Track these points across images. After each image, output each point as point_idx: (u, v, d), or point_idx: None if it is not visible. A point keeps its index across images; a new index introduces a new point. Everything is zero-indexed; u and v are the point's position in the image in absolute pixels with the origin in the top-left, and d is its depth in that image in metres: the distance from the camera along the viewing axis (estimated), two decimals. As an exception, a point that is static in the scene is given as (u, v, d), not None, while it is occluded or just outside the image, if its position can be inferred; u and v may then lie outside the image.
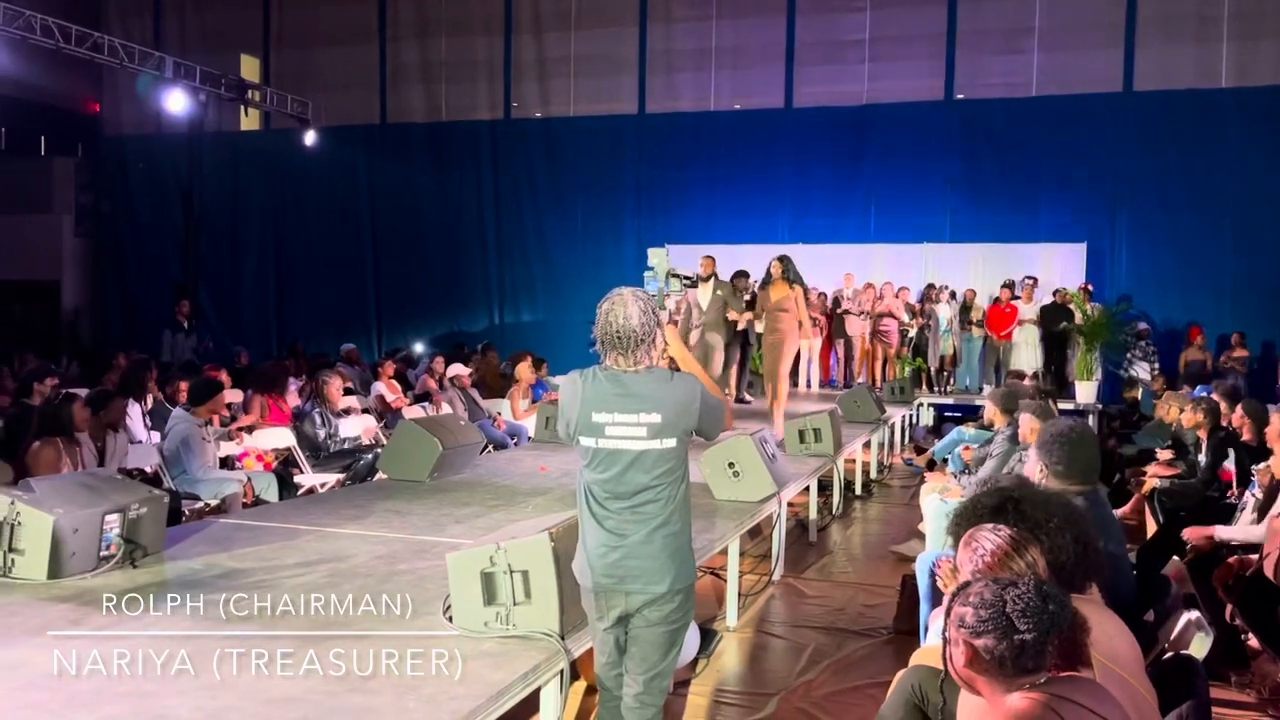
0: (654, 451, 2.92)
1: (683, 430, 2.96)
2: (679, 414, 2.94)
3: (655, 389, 2.93)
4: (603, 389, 2.94)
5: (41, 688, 2.81)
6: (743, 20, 16.55)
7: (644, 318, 2.93)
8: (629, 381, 2.94)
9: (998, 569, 2.61)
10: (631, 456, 2.92)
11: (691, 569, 3.03)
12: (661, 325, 3.00)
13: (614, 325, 2.92)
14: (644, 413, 2.91)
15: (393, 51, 18.23)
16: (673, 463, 2.96)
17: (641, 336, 2.92)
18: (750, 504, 5.54)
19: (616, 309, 2.93)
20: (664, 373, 2.98)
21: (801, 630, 5.23)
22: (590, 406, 2.94)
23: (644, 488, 2.93)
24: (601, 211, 17.17)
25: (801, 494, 7.12)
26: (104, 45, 14.62)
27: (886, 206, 15.85)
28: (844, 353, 14.43)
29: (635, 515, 2.93)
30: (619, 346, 2.93)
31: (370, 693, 2.81)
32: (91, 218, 19.72)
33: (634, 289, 3.01)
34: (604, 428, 2.93)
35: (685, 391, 2.97)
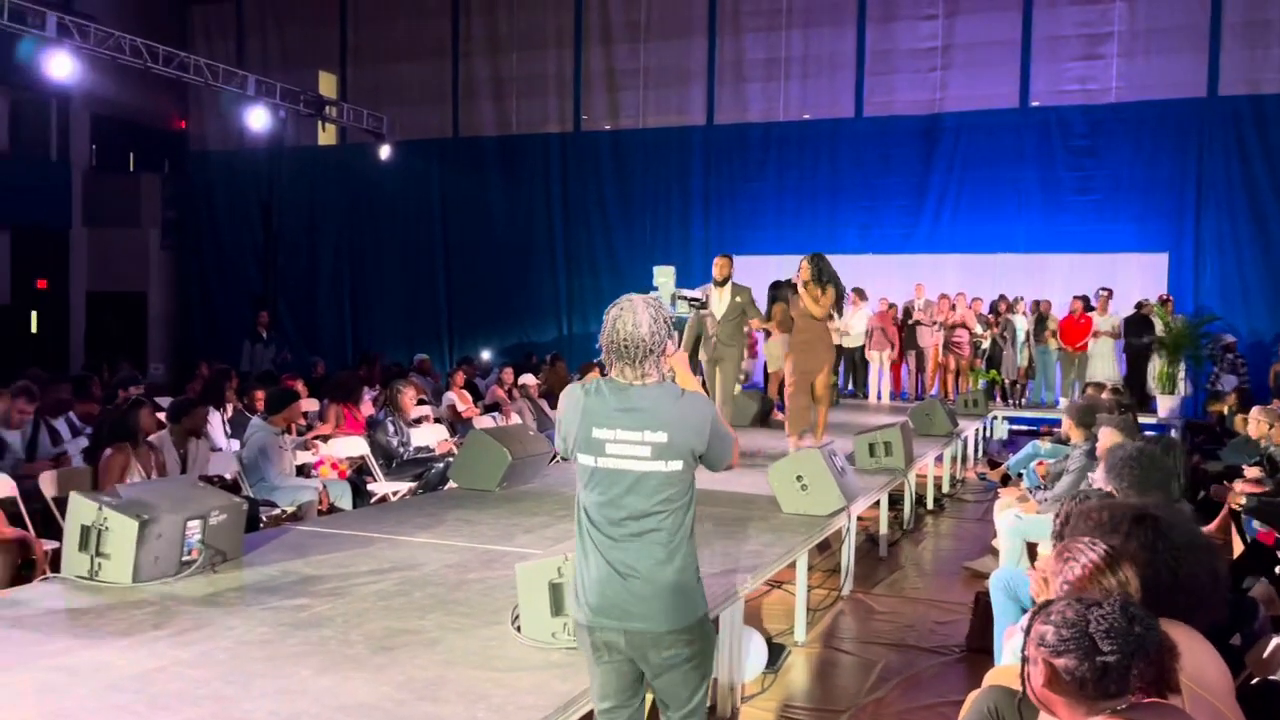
0: (658, 475, 2.66)
1: (690, 453, 2.70)
2: (688, 435, 2.68)
3: (663, 405, 2.68)
4: (606, 402, 2.69)
5: (125, 689, 2.90)
6: (812, 29, 16.47)
7: (654, 326, 2.69)
8: (635, 395, 2.69)
9: (1088, 583, 2.55)
10: (633, 479, 2.66)
11: (700, 602, 2.74)
12: (672, 337, 2.77)
13: (621, 334, 2.68)
14: (649, 430, 2.65)
15: (465, 66, 18.52)
16: (678, 488, 2.69)
17: (651, 347, 2.68)
18: (819, 518, 5.48)
19: (625, 316, 2.69)
20: (674, 388, 2.74)
21: (871, 646, 5.16)
22: (591, 420, 2.69)
23: (645, 514, 2.67)
24: (670, 222, 17.21)
25: (872, 508, 7.03)
26: (190, 65, 15.10)
27: (959, 216, 15.60)
28: (915, 364, 14.24)
29: (636, 545, 2.67)
30: (626, 356, 2.68)
31: (440, 700, 2.84)
32: (177, 231, 20.36)
33: (645, 296, 2.78)
34: (604, 445, 2.67)
35: (696, 411, 2.72)
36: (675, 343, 2.81)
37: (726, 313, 8.22)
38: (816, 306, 7.53)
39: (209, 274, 20.29)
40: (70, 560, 4.00)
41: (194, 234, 20.33)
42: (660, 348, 2.70)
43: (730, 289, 8.26)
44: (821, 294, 7.52)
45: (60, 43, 12.72)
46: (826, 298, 7.56)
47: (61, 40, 12.76)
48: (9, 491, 5.67)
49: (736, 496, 6.18)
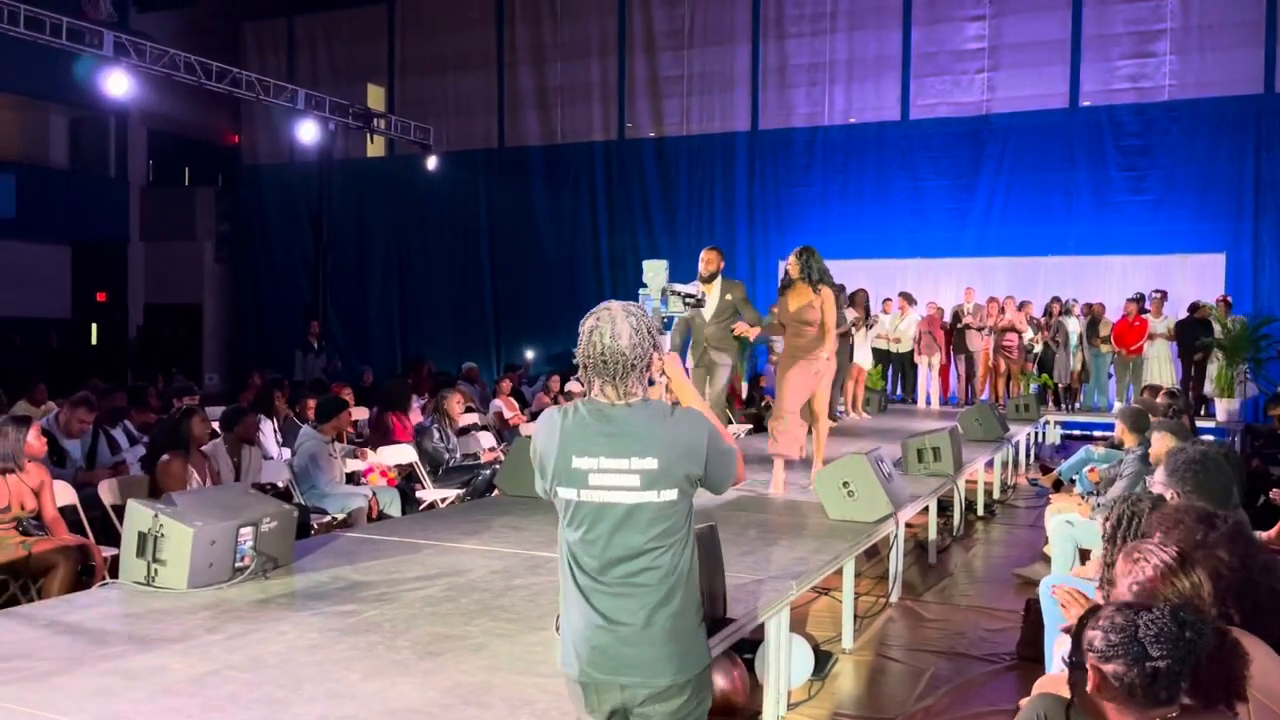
0: (650, 506, 2.36)
1: (685, 479, 2.39)
2: (681, 459, 2.37)
3: (651, 427, 2.37)
4: (586, 426, 2.39)
5: (180, 692, 2.96)
6: (857, 33, 16.38)
7: (636, 338, 2.39)
8: (618, 417, 2.38)
9: (1160, 584, 2.51)
10: (621, 512, 2.36)
11: (703, 653, 2.48)
12: (659, 348, 2.48)
13: (598, 347, 2.39)
14: (636, 456, 2.34)
15: (510, 77, 18.69)
16: (673, 520, 2.39)
17: (633, 361, 2.38)
18: (866, 524, 5.44)
19: (602, 327, 2.40)
20: (662, 406, 2.43)
21: (920, 654, 5.11)
22: (571, 448, 2.39)
23: (638, 552, 2.37)
24: (714, 229, 17.19)
25: (920, 514, 6.96)
26: (242, 80, 15.42)
27: (1008, 218, 15.39)
28: (965, 369, 14.06)
29: (628, 589, 2.38)
30: (605, 373, 2.38)
31: (485, 705, 2.86)
32: (230, 244, 20.78)
33: (626, 303, 2.48)
34: (587, 476, 2.37)
35: (690, 431, 2.40)
36: (664, 360, 2.54)
37: (716, 313, 7.21)
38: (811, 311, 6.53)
39: (261, 285, 20.66)
40: (128, 566, 4.09)
41: (247, 246, 20.72)
42: (644, 361, 2.41)
43: (720, 285, 7.24)
44: (815, 294, 6.55)
45: (117, 61, 13.05)
46: (826, 301, 6.54)
47: (119, 59, 13.09)
48: (70, 499, 5.82)
49: (783, 502, 6.16)
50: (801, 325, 6.57)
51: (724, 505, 6.05)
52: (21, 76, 15.93)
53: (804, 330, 6.55)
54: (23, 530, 5.20)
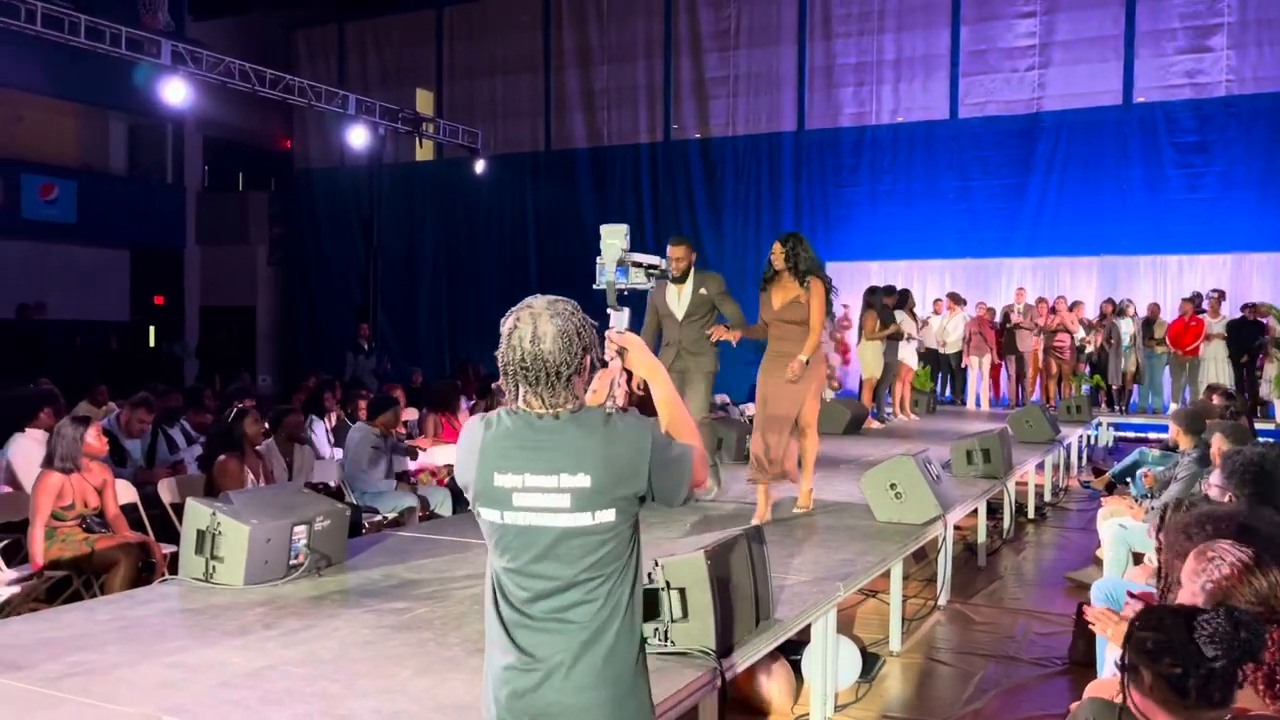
0: (581, 530, 2.05)
1: (624, 498, 2.08)
2: (618, 475, 2.06)
3: (584, 439, 2.07)
4: (509, 439, 2.09)
5: (238, 686, 3.04)
6: (905, 32, 16.24)
7: (562, 341, 2.07)
8: (546, 429, 2.08)
9: (1237, 582, 2.48)
10: (550, 537, 2.06)
11: (643, 704, 2.13)
12: (594, 349, 2.16)
13: (518, 351, 2.08)
14: (566, 473, 2.04)
15: (557, 80, 18.79)
16: (612, 545, 2.08)
17: (558, 367, 2.06)
18: (914, 526, 5.41)
19: (522, 328, 2.09)
20: (597, 415, 2.11)
21: (969, 657, 5.07)
22: (492, 464, 2.09)
23: (569, 584, 2.06)
24: (761, 229, 17.13)
25: (969, 517, 6.90)
26: (294, 87, 15.69)
27: (1060, 217, 15.15)
28: (1015, 370, 13.90)
29: (557, 625, 2.06)
30: (528, 380, 2.08)
31: (534, 702, 2.90)
32: (283, 247, 21.14)
33: (553, 298, 2.16)
34: (511, 495, 2.07)
35: (629, 441, 2.08)
36: (601, 355, 2.22)
37: (690, 311, 6.20)
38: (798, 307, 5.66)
39: (313, 288, 20.98)
40: (187, 563, 4.20)
41: (299, 249, 21.06)
42: (575, 366, 2.08)
43: (693, 279, 6.22)
44: (803, 288, 5.67)
45: (175, 70, 13.34)
46: (815, 296, 5.65)
47: (176, 67, 13.38)
48: (131, 497, 5.98)
49: (829, 504, 6.14)
50: (787, 325, 5.73)
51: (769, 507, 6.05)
52: (83, 85, 16.34)
53: (790, 331, 5.72)
54: (86, 527, 5.35)
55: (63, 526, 5.22)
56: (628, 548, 2.12)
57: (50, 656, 3.28)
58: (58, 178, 17.71)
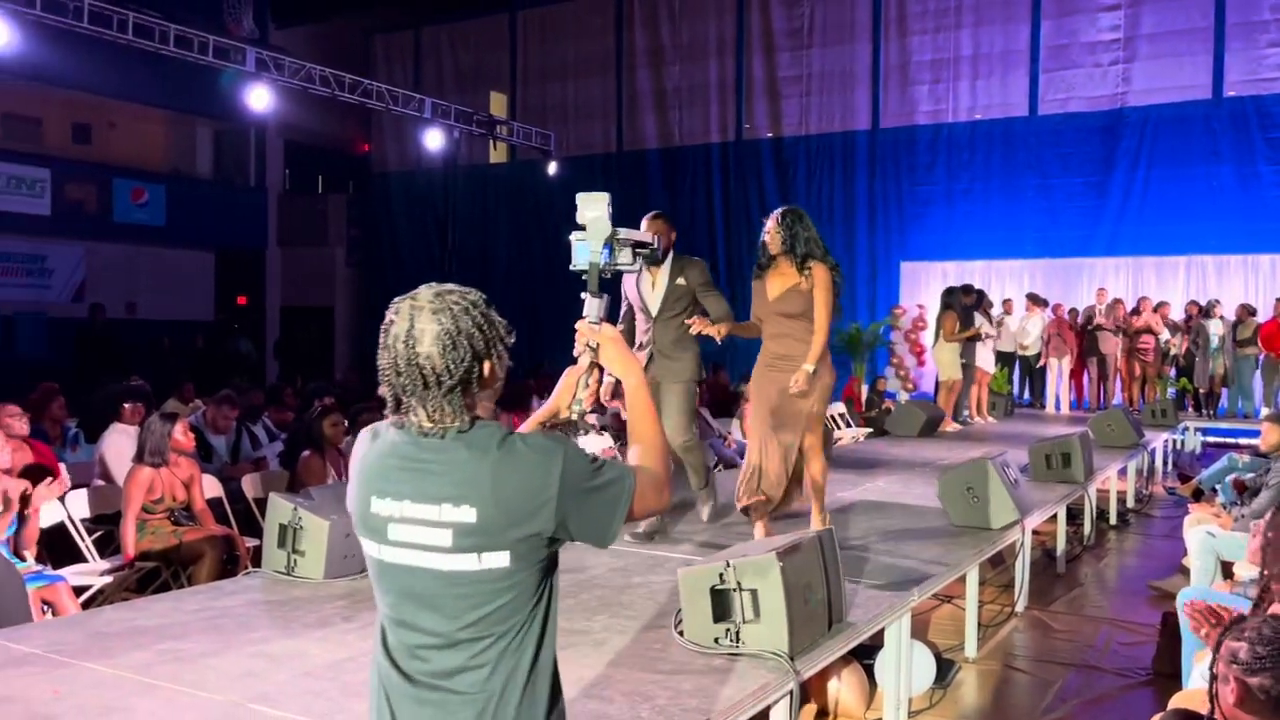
0: (467, 576, 1.66)
1: (522, 540, 1.66)
2: (512, 511, 1.65)
3: (470, 464, 1.67)
4: (391, 456, 1.73)
5: (319, 676, 3.12)
6: (983, 28, 15.95)
7: (445, 342, 1.68)
8: (431, 449, 1.69)
9: None
10: (429, 581, 1.68)
11: None
12: (495, 355, 1.76)
13: (392, 353, 1.70)
14: (449, 503, 1.65)
15: (628, 81, 18.86)
16: (508, 599, 1.67)
17: (439, 374, 1.67)
18: (990, 531, 5.32)
19: (398, 327, 1.70)
20: (490, 433, 1.70)
21: (1048, 665, 4.96)
22: (371, 484, 1.74)
23: (450, 642, 1.68)
24: (835, 229, 16.97)
25: (1048, 522, 6.76)
26: (372, 91, 16.01)
27: (1145, 216, 14.74)
28: (1097, 372, 13.55)
29: (438, 695, 1.69)
30: (403, 389, 1.70)
31: (605, 700, 2.93)
32: (360, 248, 21.59)
33: (447, 288, 1.76)
34: (387, 525, 1.70)
35: (528, 469, 1.67)
36: (502, 363, 1.79)
37: (666, 303, 5.16)
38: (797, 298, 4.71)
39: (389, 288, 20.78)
40: (270, 556, 4.32)
41: (376, 251, 21.48)
42: (460, 376, 1.68)
43: (670, 266, 5.23)
44: (803, 275, 4.71)
45: (258, 76, 13.72)
46: (819, 284, 4.69)
47: (259, 74, 13.76)
48: (216, 492, 6.17)
49: (904, 508, 6.06)
50: (784, 320, 4.75)
51: (841, 509, 6.00)
52: (171, 92, 16.90)
53: (787, 327, 4.74)
54: (174, 521, 5.53)
55: (152, 519, 5.41)
56: (531, 602, 1.69)
57: (141, 644, 3.40)
58: (147, 182, 18.35)
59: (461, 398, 1.69)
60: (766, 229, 4.85)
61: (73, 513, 5.53)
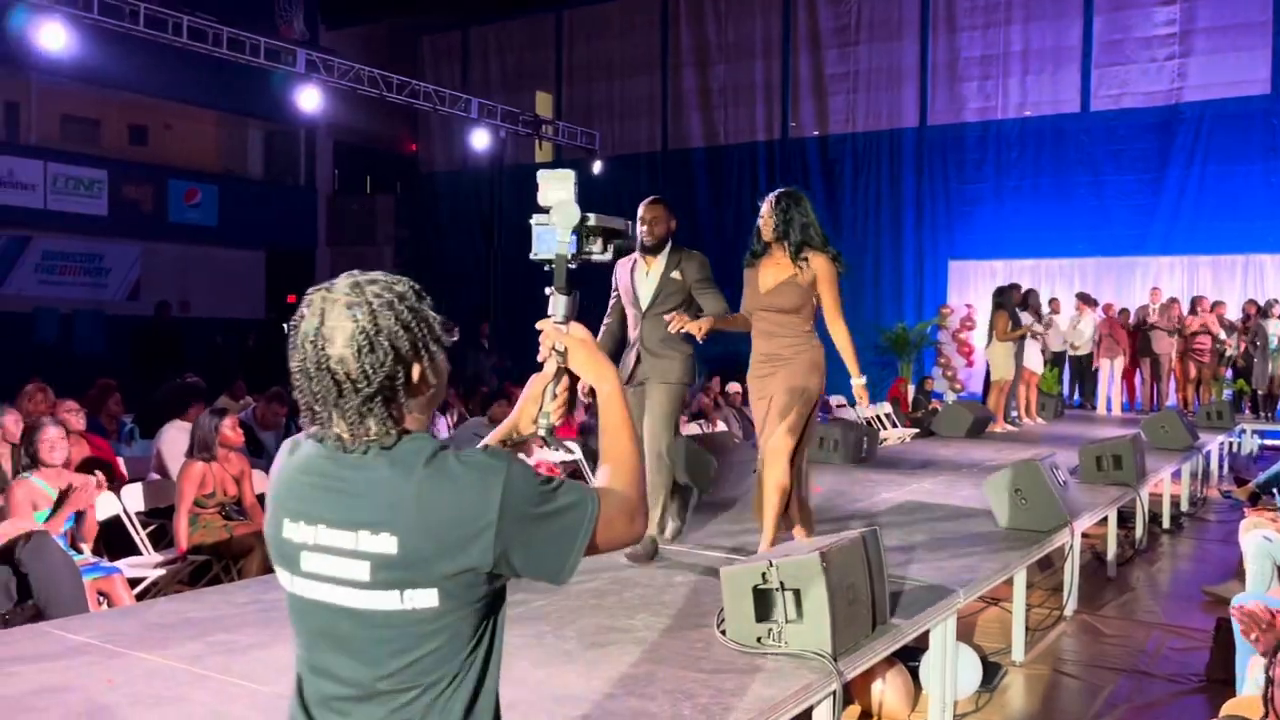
0: (386, 616, 1.42)
1: (453, 576, 1.41)
2: (441, 541, 1.40)
3: (393, 485, 1.42)
4: (308, 473, 1.48)
5: (365, 669, 3.16)
6: (1034, 23, 15.72)
7: (360, 343, 1.43)
8: (351, 466, 1.44)
9: None
10: (344, 621, 1.45)
11: None
12: (426, 357, 1.49)
13: (304, 353, 1.46)
14: (367, 530, 1.41)
15: (674, 79, 18.86)
16: (437, 645, 1.43)
17: (356, 381, 1.42)
18: (1039, 533, 5.24)
19: (307, 323, 1.47)
20: (419, 449, 1.43)
21: (1098, 670, 4.88)
22: (285, 504, 1.49)
23: (369, 693, 1.45)
24: (881, 227, 16.85)
25: (1099, 525, 6.64)
26: (420, 92, 16.17)
27: (1200, 214, 14.43)
28: (1150, 373, 13.29)
29: None
30: (320, 397, 1.44)
31: (647, 697, 2.93)
32: (408, 248, 21.82)
33: (368, 277, 1.56)
34: (299, 553, 1.47)
35: (460, 493, 1.40)
36: (436, 367, 1.52)
37: (658, 297, 4.74)
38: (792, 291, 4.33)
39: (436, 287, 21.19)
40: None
41: (423, 250, 21.70)
42: (384, 381, 1.43)
43: (666, 258, 4.84)
44: (798, 266, 4.34)
45: (309, 78, 13.91)
46: (821, 275, 4.32)
47: (310, 75, 13.95)
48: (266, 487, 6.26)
49: (950, 509, 6.00)
50: (777, 315, 4.34)
51: (887, 509, 5.95)
52: (224, 94, 17.21)
53: (781, 323, 4.33)
54: (226, 515, 5.64)
55: (204, 513, 5.52)
56: (466, 648, 1.45)
57: (193, 635, 3.47)
58: (201, 182, 18.70)
59: (384, 407, 1.43)
60: (760, 214, 4.51)
61: (128, 506, 5.65)
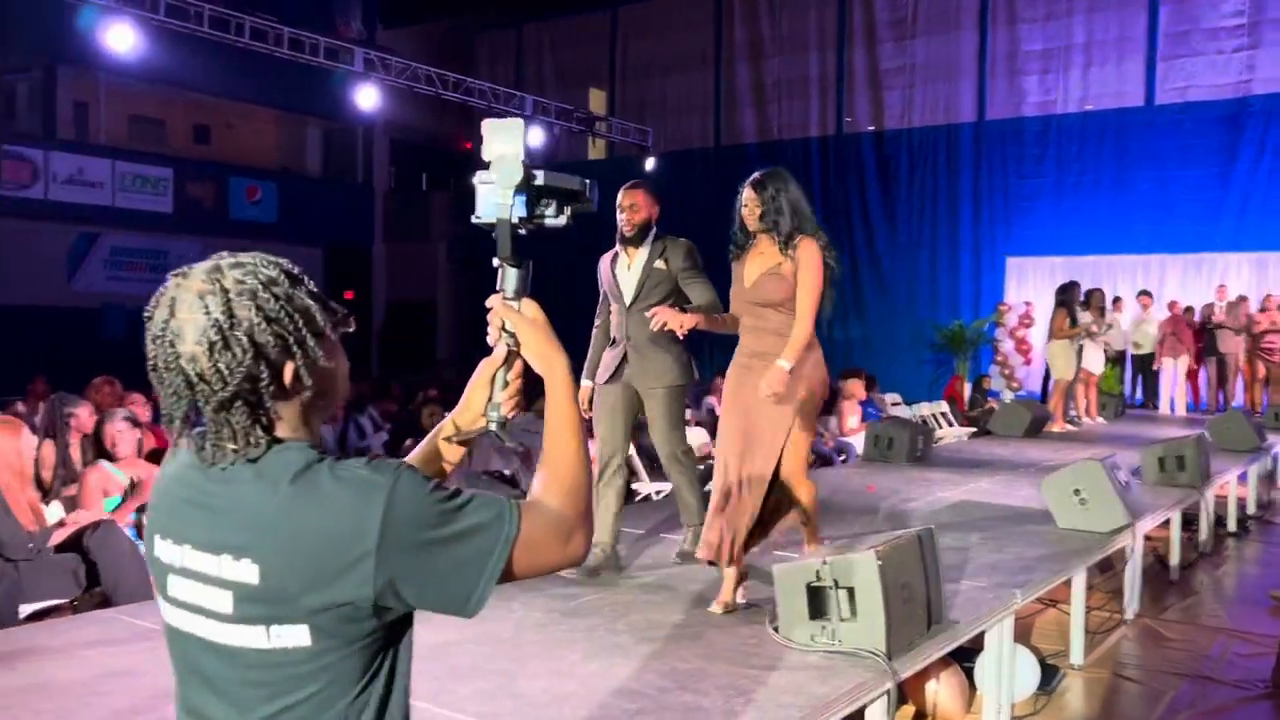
0: (252, 656, 1.22)
1: (324, 610, 1.20)
2: (309, 570, 1.19)
3: (257, 503, 1.22)
4: (180, 485, 1.28)
5: (425, 658, 3.16)
6: (1097, 15, 15.42)
7: (214, 339, 1.20)
8: (218, 479, 1.24)
9: None
10: (209, 658, 1.25)
11: None
12: (301, 352, 1.24)
13: (155, 351, 1.23)
14: (229, 555, 1.21)
15: (727, 75, 18.79)
16: (316, 690, 1.23)
17: (214, 381, 1.21)
18: (1099, 535, 5.15)
19: (158, 315, 1.23)
20: (292, 458, 1.23)
21: (1160, 675, 4.78)
22: (155, 520, 1.31)
23: None
24: (936, 223, 16.65)
25: (1161, 528, 6.50)
26: (474, 90, 16.32)
27: (1268, 209, 14.03)
28: (1215, 373, 12.97)
29: None
30: (174, 401, 1.23)
31: (699, 693, 2.94)
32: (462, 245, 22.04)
33: (230, 260, 1.26)
34: (167, 575, 1.28)
35: (333, 512, 1.19)
36: (314, 365, 1.26)
37: (642, 290, 4.46)
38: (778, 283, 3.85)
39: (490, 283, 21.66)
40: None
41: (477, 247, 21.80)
42: (243, 384, 1.21)
43: (650, 248, 4.55)
44: (786, 255, 3.85)
45: (366, 76, 14.11)
46: (804, 263, 3.82)
47: (368, 74, 14.15)
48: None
49: (1007, 509, 5.92)
50: (761, 310, 3.90)
51: (943, 509, 5.89)
52: (284, 93, 17.52)
53: (768, 319, 3.88)
54: (285, 505, 5.73)
55: (265, 504, 5.62)
56: (351, 693, 1.24)
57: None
58: (261, 180, 19.06)
59: (247, 413, 1.21)
60: (743, 198, 4.00)
61: (191, 496, 5.77)
